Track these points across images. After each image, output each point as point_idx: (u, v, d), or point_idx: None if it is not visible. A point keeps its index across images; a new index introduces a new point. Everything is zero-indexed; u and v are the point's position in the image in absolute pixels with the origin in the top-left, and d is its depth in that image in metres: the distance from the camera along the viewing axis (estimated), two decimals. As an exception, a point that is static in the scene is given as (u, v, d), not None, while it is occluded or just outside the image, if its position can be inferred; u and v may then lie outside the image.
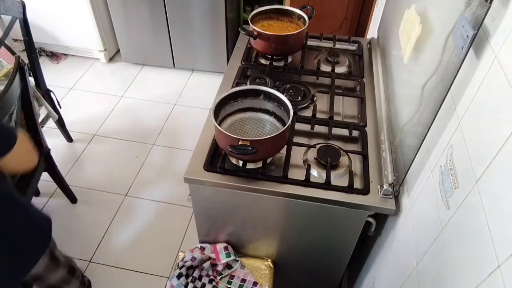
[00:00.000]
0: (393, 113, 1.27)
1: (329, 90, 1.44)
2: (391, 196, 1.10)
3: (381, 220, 1.22)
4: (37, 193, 2.23)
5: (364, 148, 1.23)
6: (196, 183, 1.16)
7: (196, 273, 1.30)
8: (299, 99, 1.40)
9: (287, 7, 1.61)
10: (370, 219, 1.17)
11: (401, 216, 1.08)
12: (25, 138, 0.98)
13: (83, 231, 2.10)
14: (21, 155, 0.99)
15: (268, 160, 1.19)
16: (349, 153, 1.22)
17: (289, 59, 1.61)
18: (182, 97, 2.89)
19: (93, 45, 3.06)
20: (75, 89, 2.96)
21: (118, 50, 3.15)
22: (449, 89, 0.83)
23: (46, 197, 2.24)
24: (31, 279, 1.32)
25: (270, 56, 1.58)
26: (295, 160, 1.21)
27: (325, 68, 1.56)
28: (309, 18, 1.55)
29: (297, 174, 1.16)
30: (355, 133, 1.30)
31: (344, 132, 1.29)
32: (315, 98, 1.41)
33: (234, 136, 1.05)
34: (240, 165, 1.18)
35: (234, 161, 1.20)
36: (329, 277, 1.48)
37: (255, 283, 1.31)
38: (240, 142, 1.04)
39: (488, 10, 0.69)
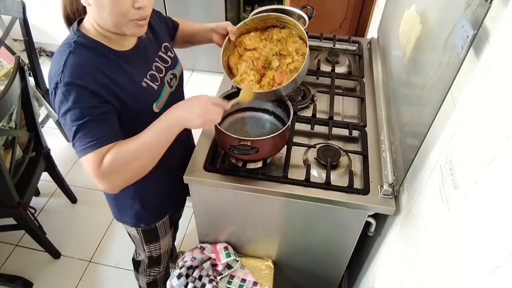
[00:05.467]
0: (393, 113, 1.27)
1: (329, 90, 1.44)
2: (391, 196, 1.10)
3: (381, 220, 1.22)
4: (37, 193, 2.23)
5: (364, 148, 1.23)
6: (196, 183, 1.16)
7: (196, 273, 1.29)
8: (299, 99, 1.40)
9: (287, 7, 1.61)
10: (370, 219, 1.17)
11: (401, 216, 1.08)
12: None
13: (83, 231, 2.10)
14: None
15: (268, 160, 1.19)
16: (349, 153, 1.22)
17: (289, 59, 1.60)
18: (182, 97, 2.89)
19: (93, 45, 3.06)
20: (75, 89, 2.96)
21: (118, 50, 3.14)
22: (449, 89, 0.83)
23: (46, 197, 2.24)
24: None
25: (270, 56, 1.58)
26: (295, 160, 1.21)
27: (325, 68, 1.56)
28: (309, 18, 1.54)
29: (297, 174, 1.16)
30: (355, 133, 1.30)
31: (344, 132, 1.29)
32: (315, 98, 1.41)
33: (235, 136, 1.05)
34: (240, 165, 1.18)
35: (234, 161, 1.20)
36: (329, 277, 1.47)
37: (255, 283, 1.31)
38: (240, 142, 1.04)
39: (488, 10, 0.69)
